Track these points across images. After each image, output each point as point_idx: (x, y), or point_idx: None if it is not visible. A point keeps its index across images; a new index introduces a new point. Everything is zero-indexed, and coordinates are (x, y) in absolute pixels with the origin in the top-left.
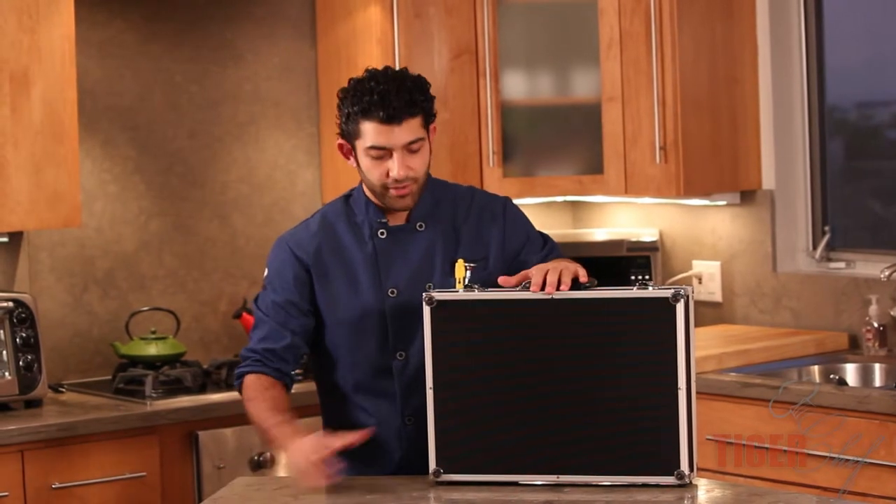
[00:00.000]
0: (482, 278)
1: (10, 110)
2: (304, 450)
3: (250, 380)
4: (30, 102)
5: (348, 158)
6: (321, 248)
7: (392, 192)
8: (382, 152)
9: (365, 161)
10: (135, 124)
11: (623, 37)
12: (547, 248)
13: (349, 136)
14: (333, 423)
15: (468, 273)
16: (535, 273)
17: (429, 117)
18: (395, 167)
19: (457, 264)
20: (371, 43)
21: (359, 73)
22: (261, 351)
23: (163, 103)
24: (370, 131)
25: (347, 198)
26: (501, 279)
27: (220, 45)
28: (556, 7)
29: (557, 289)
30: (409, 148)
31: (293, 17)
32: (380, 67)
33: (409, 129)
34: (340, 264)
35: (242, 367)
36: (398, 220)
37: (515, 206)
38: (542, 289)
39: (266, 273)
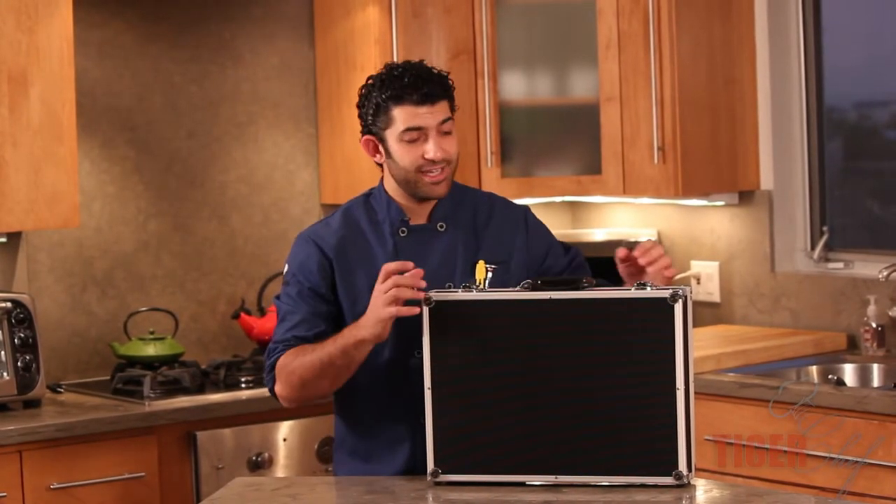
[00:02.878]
0: (503, 281)
1: (8, 111)
2: (375, 298)
3: (283, 357)
4: (28, 103)
5: (374, 155)
6: (344, 241)
7: (427, 178)
8: (417, 135)
9: (398, 149)
10: (133, 124)
11: (621, 37)
12: (571, 254)
13: (378, 127)
14: (346, 420)
15: (489, 274)
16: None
17: (453, 107)
18: (431, 147)
19: (478, 265)
20: (369, 43)
21: (357, 72)
22: (291, 339)
23: (161, 103)
24: (404, 115)
25: (367, 196)
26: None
27: (218, 46)
28: (554, 7)
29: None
30: (443, 129)
31: (292, 18)
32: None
33: (441, 110)
34: (362, 260)
35: (273, 357)
36: (419, 219)
37: (535, 215)
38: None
39: (286, 269)
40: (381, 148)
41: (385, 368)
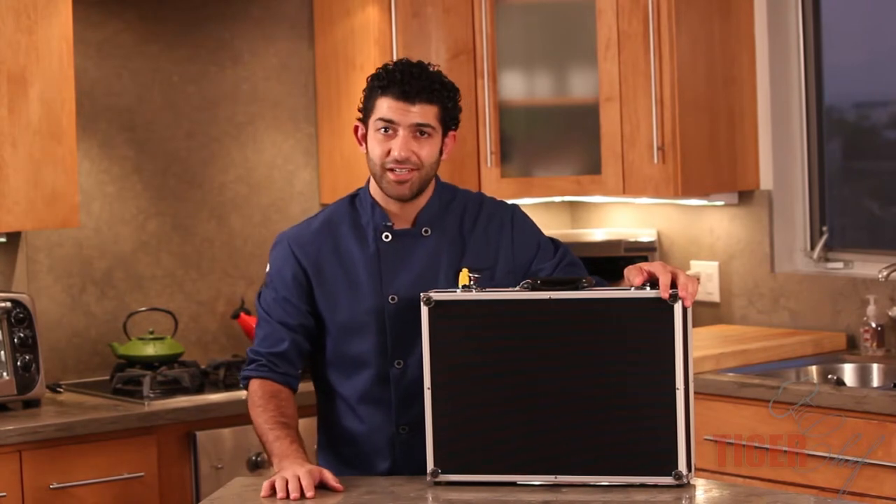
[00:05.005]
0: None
1: (7, 111)
2: (293, 476)
3: (256, 385)
4: (28, 102)
5: (361, 144)
6: (321, 248)
7: (390, 175)
8: (389, 127)
9: (372, 138)
10: (133, 124)
11: (621, 37)
12: (559, 254)
13: (366, 113)
14: (328, 425)
15: (472, 283)
16: (661, 274)
17: (447, 116)
18: (397, 145)
19: (461, 273)
20: (369, 43)
21: (357, 72)
22: (266, 354)
23: (161, 103)
24: (382, 105)
25: (353, 198)
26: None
27: (218, 46)
28: (553, 7)
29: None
30: (417, 131)
31: (291, 17)
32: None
33: (421, 113)
34: (340, 267)
35: (248, 370)
36: (404, 223)
37: (524, 215)
38: (669, 291)
39: (268, 269)
40: (365, 139)
41: (366, 378)
